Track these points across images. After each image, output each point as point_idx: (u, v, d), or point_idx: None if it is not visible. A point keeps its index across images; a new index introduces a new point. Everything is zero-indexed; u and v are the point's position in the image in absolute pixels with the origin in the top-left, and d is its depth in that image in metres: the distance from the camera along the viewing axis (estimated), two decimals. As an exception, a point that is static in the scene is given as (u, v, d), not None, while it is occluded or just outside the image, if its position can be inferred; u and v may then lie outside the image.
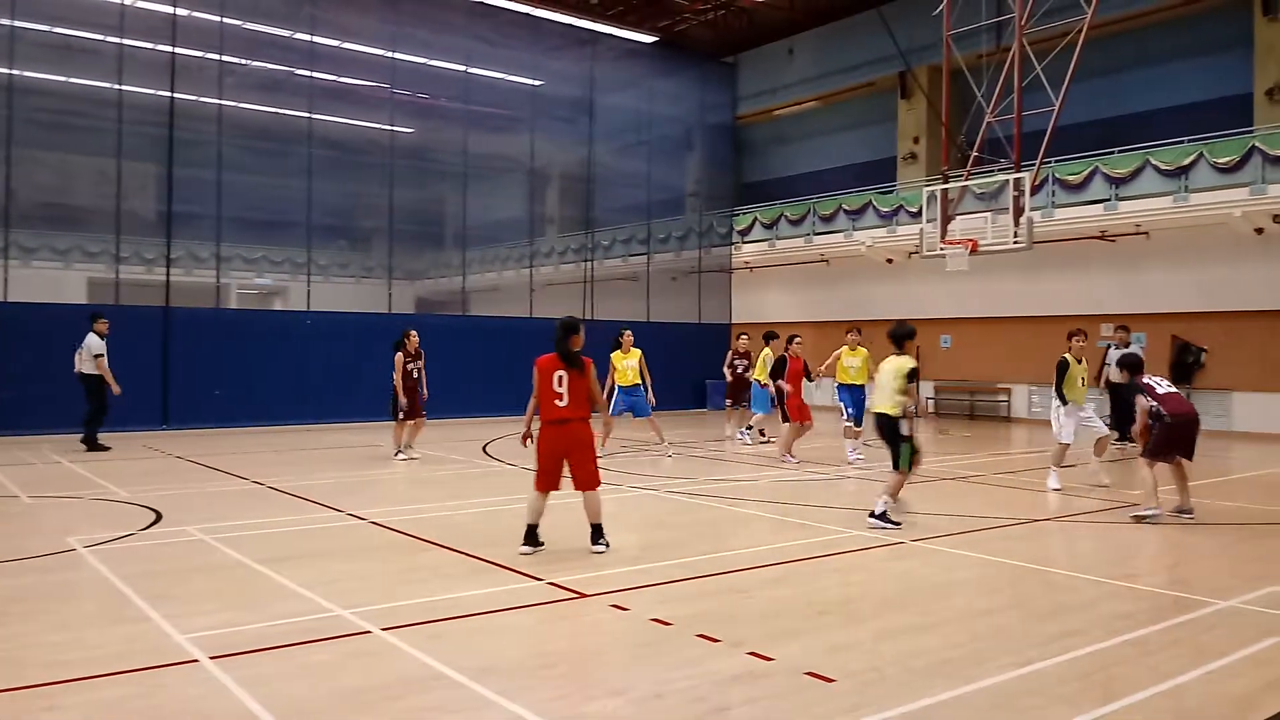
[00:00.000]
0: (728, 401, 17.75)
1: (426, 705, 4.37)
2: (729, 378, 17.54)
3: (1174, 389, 9.41)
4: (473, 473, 12.93)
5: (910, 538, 8.22)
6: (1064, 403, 11.37)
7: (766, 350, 16.04)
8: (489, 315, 24.79)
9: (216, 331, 19.51)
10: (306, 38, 21.50)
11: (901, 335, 9.11)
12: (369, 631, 5.41)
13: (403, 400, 13.49)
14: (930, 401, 24.65)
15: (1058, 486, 11.10)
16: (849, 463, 13.44)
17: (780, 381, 14.08)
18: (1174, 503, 9.27)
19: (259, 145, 22.67)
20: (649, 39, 27.10)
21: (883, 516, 8.70)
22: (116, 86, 19.22)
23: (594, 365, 7.61)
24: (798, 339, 14.31)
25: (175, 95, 19.46)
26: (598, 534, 7.64)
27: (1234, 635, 5.48)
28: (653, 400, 14.55)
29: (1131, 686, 4.60)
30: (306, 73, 21.64)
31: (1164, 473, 9.25)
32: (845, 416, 13.81)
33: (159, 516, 9.06)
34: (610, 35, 26.21)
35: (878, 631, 5.54)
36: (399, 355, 13.52)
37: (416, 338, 13.82)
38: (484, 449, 15.49)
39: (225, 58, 20.80)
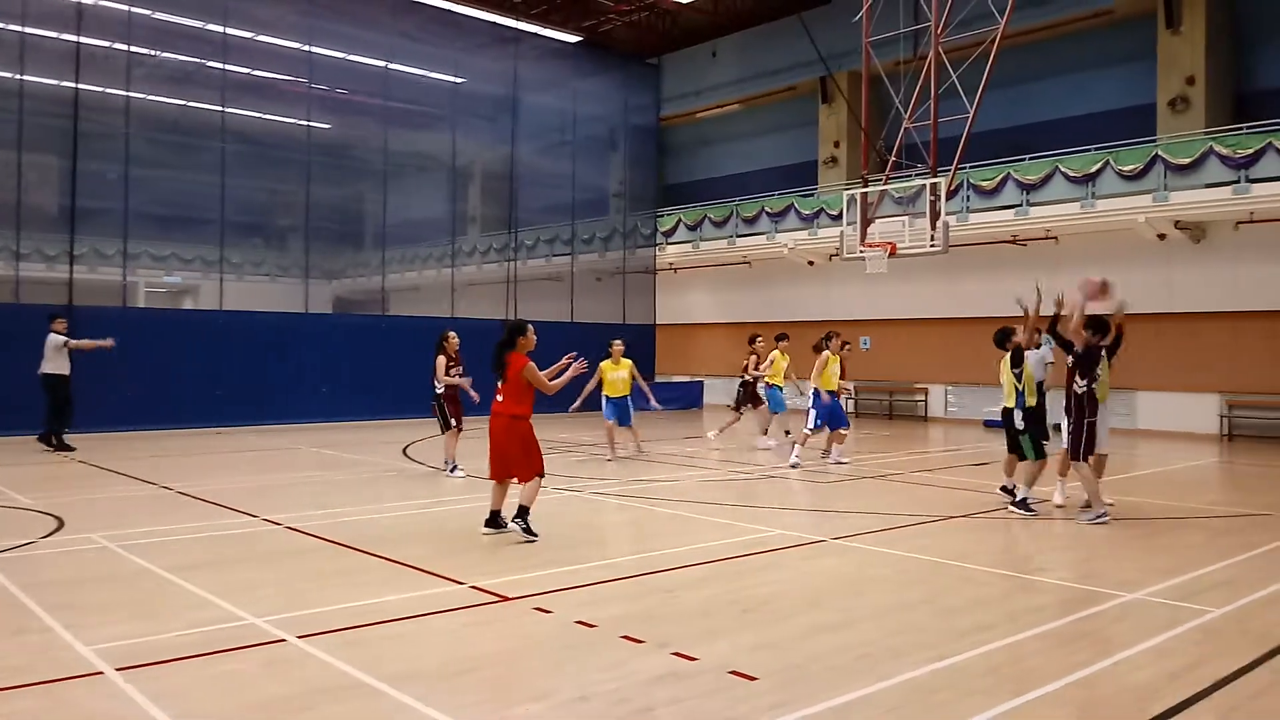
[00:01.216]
0: (749, 406, 16.55)
1: (344, 714, 4.27)
2: (749, 380, 16.41)
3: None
4: (392, 476, 12.72)
5: (830, 535, 8.34)
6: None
7: (776, 352, 16.03)
8: (409, 315, 24.42)
9: (123, 331, 18.64)
10: (219, 29, 20.90)
11: (1000, 339, 10.01)
12: (284, 640, 5.27)
13: (448, 408, 12.40)
14: (850, 402, 25.09)
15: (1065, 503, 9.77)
16: (790, 465, 13.16)
17: (843, 382, 14.17)
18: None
19: (169, 139, 22.01)
20: (573, 39, 27.04)
21: (1022, 504, 9.52)
22: (18, 76, 18.40)
23: (528, 363, 7.98)
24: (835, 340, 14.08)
25: (80, 86, 18.70)
26: (520, 514, 7.94)
27: (1139, 627, 5.67)
28: (657, 406, 15.35)
29: (1043, 679, 4.72)
30: (219, 65, 21.03)
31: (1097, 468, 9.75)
32: (810, 423, 13.40)
33: (61, 523, 8.70)
34: (534, 34, 26.06)
35: (799, 629, 5.60)
36: (440, 359, 12.27)
37: (456, 339, 12.51)
38: (404, 451, 15.25)
39: (133, 48, 20.09)
